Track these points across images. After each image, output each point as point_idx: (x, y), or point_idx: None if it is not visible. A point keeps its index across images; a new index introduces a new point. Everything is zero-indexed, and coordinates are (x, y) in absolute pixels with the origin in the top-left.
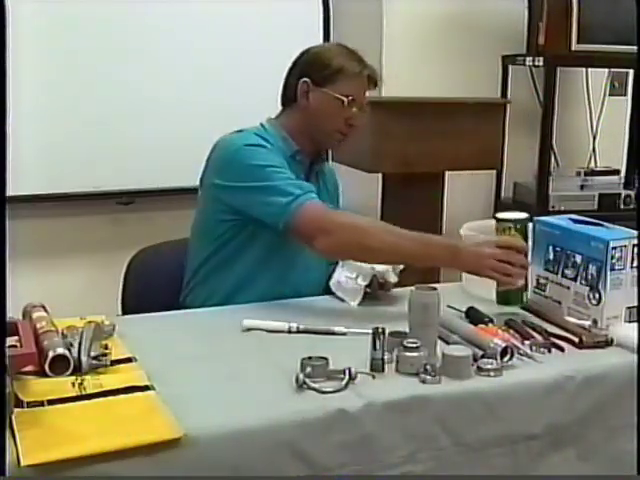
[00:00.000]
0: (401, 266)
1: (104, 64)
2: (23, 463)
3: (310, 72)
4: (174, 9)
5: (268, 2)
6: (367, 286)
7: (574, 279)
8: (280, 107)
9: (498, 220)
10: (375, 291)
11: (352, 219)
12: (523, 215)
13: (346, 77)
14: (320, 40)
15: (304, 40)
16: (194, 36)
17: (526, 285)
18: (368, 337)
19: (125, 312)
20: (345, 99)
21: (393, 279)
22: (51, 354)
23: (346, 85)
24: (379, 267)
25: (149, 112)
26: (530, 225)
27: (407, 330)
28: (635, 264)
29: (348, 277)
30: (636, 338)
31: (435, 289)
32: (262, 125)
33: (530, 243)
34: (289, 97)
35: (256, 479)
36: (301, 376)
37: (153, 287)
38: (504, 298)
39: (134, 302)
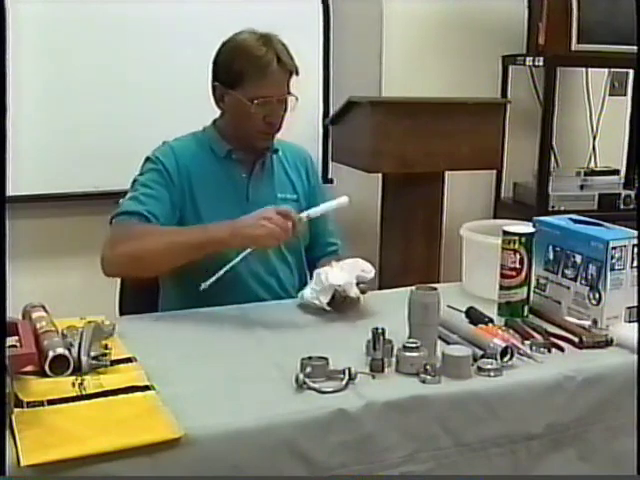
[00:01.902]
0: (370, 275)
1: (104, 64)
2: (23, 463)
3: (218, 75)
4: (174, 9)
5: (268, 2)
6: (329, 303)
7: (574, 279)
8: None
9: (504, 233)
10: (338, 306)
11: (129, 233)
12: (528, 229)
13: (249, 80)
14: (320, 40)
15: (304, 40)
16: (194, 36)
17: (528, 299)
18: (368, 337)
19: (122, 313)
20: (253, 102)
21: (354, 294)
22: (51, 354)
23: (251, 88)
24: (339, 282)
25: (149, 112)
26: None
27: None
28: (635, 264)
29: (313, 289)
30: (636, 338)
31: (435, 289)
32: (204, 128)
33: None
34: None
35: (256, 479)
36: (301, 376)
37: (151, 288)
38: (506, 311)
39: (131, 303)
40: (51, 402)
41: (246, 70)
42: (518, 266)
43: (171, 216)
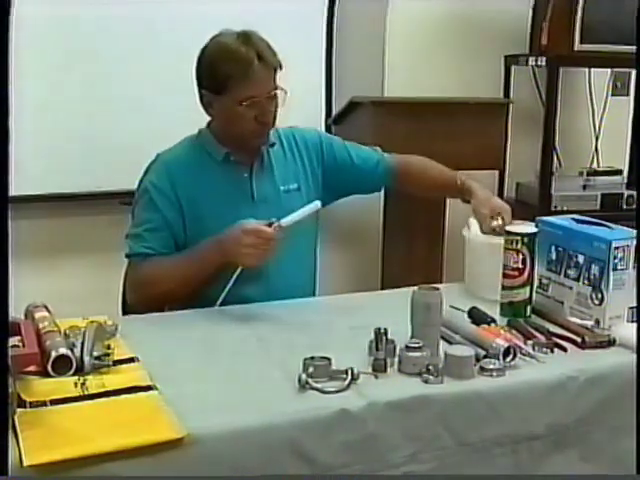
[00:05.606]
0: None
1: (104, 64)
2: (26, 463)
3: (204, 82)
4: (174, 9)
5: (270, 2)
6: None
7: (576, 279)
8: None
9: (507, 233)
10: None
11: (143, 280)
12: (531, 229)
13: (234, 83)
14: (323, 40)
15: (307, 40)
16: (195, 36)
17: (530, 299)
18: (370, 337)
19: (125, 312)
20: (241, 105)
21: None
22: (54, 354)
23: (237, 91)
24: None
25: (150, 112)
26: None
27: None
28: None
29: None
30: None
31: (438, 289)
32: (199, 132)
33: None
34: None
35: (258, 479)
36: (303, 376)
37: None
38: (508, 311)
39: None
40: (54, 402)
41: (229, 73)
42: (521, 266)
43: (172, 240)
